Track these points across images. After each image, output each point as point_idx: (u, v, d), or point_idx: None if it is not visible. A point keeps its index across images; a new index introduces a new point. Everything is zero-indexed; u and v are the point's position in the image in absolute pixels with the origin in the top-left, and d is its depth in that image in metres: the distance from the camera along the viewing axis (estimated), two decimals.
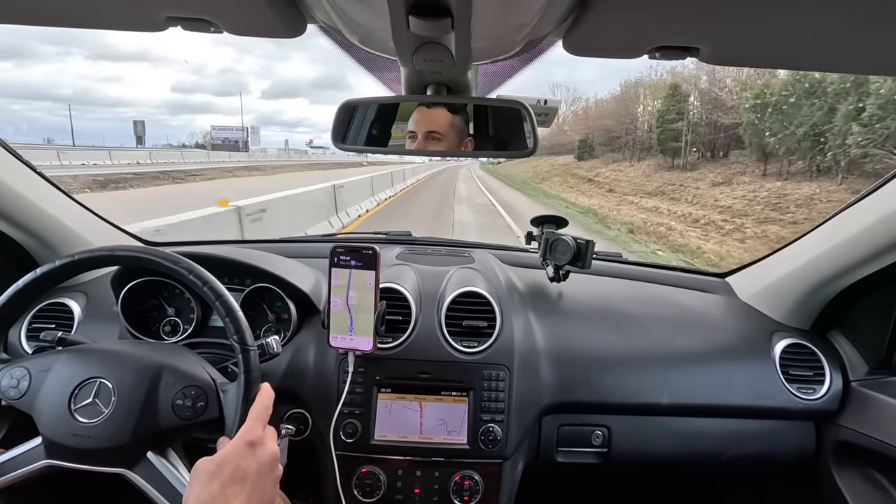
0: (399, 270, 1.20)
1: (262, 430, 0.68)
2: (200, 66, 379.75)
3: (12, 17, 0.61)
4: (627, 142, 31.41)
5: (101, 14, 0.61)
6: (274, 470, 0.68)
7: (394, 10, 0.49)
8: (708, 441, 1.12)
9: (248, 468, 0.63)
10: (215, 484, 0.61)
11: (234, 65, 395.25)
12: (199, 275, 0.75)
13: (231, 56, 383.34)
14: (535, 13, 0.54)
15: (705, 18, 0.52)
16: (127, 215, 2.98)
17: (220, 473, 0.62)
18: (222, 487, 0.61)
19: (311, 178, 19.92)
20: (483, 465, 1.01)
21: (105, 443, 0.69)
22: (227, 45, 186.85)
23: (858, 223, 0.98)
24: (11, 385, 0.72)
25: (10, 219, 1.04)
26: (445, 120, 0.91)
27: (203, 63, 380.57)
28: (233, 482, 0.62)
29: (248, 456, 0.64)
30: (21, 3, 0.57)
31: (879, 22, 0.50)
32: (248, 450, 0.65)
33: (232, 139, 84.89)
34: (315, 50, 34.07)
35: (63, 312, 1.12)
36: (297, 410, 1.03)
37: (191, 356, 0.80)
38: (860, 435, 1.06)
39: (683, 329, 1.19)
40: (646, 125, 29.47)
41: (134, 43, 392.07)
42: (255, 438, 0.67)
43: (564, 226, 1.30)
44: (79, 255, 0.76)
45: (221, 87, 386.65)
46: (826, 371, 1.13)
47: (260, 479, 0.64)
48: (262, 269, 1.06)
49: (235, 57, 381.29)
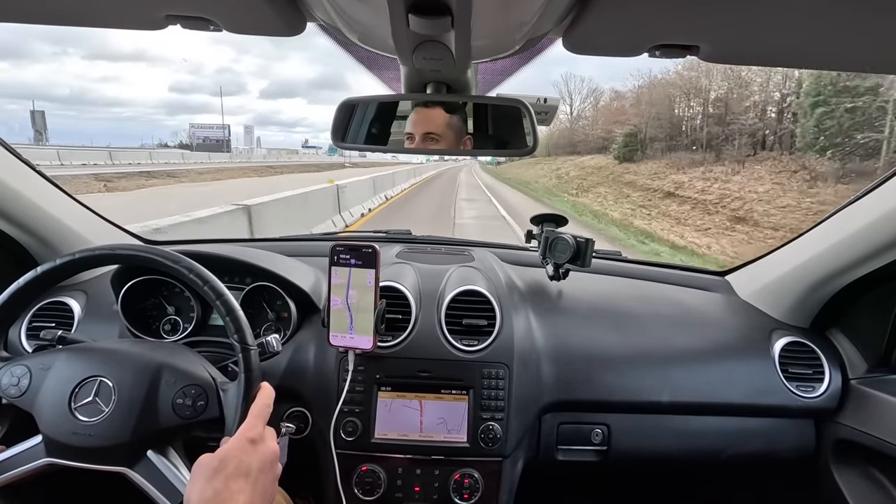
0: (399, 269, 1.20)
1: (262, 428, 0.69)
2: (198, 66, 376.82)
3: (12, 16, 0.61)
4: (717, 135, 20.34)
5: (100, 12, 0.61)
6: (274, 467, 0.68)
7: (393, 9, 0.49)
8: (707, 439, 1.12)
9: (250, 464, 0.63)
10: (219, 479, 0.61)
11: (232, 65, 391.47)
12: (200, 274, 0.75)
13: (229, 56, 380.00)
14: (534, 11, 0.54)
15: (705, 16, 0.52)
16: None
17: (224, 469, 0.62)
18: (226, 482, 0.61)
19: (254, 186, 17.10)
20: (483, 463, 1.01)
21: (105, 441, 0.69)
22: (225, 45, 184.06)
23: (858, 221, 0.98)
24: (12, 383, 0.72)
25: (10, 218, 1.04)
26: (442, 120, 0.91)
27: (201, 63, 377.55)
28: (236, 477, 0.62)
29: (250, 452, 0.65)
30: (21, 2, 0.57)
31: (880, 19, 0.50)
32: (250, 446, 0.65)
33: (213, 138, 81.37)
34: (313, 50, 33.79)
35: (63, 311, 1.12)
36: (298, 409, 1.03)
37: (191, 355, 0.80)
38: (860, 433, 1.06)
39: (683, 327, 1.19)
40: (766, 112, 19.49)
41: (132, 42, 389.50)
42: (257, 435, 0.67)
43: (564, 224, 1.30)
44: (79, 253, 0.76)
45: (220, 87, 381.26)
46: (825, 369, 1.13)
47: (262, 475, 0.65)
48: (262, 267, 1.06)
49: (234, 57, 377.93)
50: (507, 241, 1.70)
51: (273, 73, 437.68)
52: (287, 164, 54.45)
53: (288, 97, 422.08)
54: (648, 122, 26.05)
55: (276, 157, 74.75)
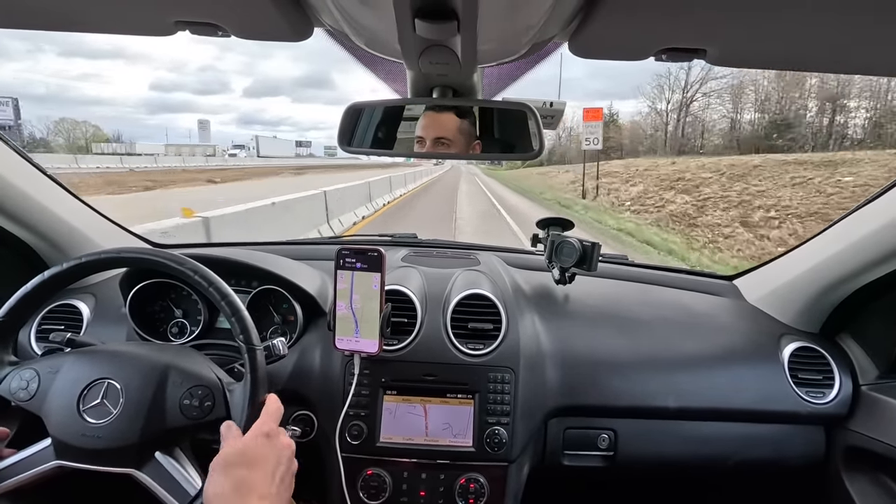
0: (404, 272, 1.20)
1: (275, 425, 0.70)
2: (180, 64, 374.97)
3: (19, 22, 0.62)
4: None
5: (109, 19, 0.61)
6: (291, 462, 0.69)
7: (400, 13, 0.49)
8: (715, 445, 1.11)
9: (267, 456, 0.64)
10: (237, 471, 0.61)
11: (215, 62, 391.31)
12: (205, 275, 0.75)
13: (212, 53, 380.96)
14: (541, 15, 0.54)
15: (712, 20, 0.52)
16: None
17: (241, 461, 0.62)
18: (245, 474, 0.61)
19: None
20: (488, 467, 1.00)
21: (113, 443, 0.69)
22: (208, 43, 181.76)
23: (868, 225, 0.97)
24: (21, 387, 0.73)
25: (19, 220, 1.05)
26: (454, 125, 0.91)
27: (183, 60, 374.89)
28: (254, 469, 0.62)
29: (267, 445, 0.65)
30: (29, 8, 0.58)
31: (886, 20, 0.50)
32: (266, 440, 0.66)
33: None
34: (299, 48, 32.62)
35: (72, 314, 1.13)
36: (303, 412, 1.04)
37: (197, 357, 0.81)
38: (871, 440, 1.05)
39: (690, 332, 1.18)
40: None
41: (108, 40, 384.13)
42: (271, 430, 0.68)
43: (570, 228, 1.30)
44: (85, 257, 0.76)
45: (202, 86, 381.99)
46: (835, 375, 1.12)
47: (280, 468, 0.65)
48: (268, 270, 1.06)
49: (217, 54, 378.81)
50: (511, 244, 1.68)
51: (257, 71, 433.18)
52: (152, 170, 36.17)
53: (272, 95, 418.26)
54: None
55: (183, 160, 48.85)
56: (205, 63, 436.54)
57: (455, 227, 10.61)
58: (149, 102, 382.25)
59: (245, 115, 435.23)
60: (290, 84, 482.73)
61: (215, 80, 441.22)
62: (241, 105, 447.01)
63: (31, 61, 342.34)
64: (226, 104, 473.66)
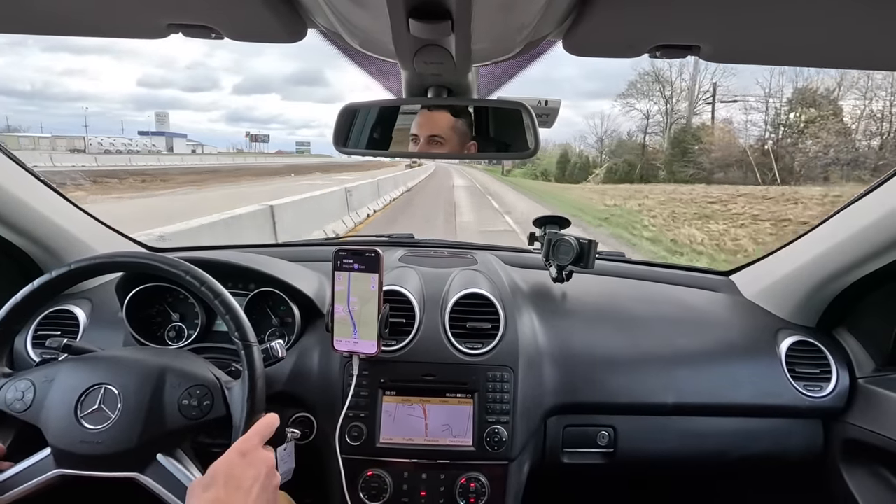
0: (402, 273, 1.20)
1: (257, 442, 0.69)
2: (169, 60, 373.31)
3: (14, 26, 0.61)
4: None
5: (102, 22, 0.61)
6: (271, 477, 0.68)
7: (394, 14, 0.49)
8: (714, 440, 1.12)
9: (241, 476, 0.64)
10: (210, 493, 0.61)
11: (205, 59, 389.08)
12: (197, 276, 0.75)
13: (202, 50, 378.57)
14: (535, 14, 0.54)
15: (705, 17, 0.52)
16: None
17: (214, 483, 0.62)
18: (218, 496, 0.61)
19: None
20: (489, 466, 1.00)
21: (114, 448, 0.69)
22: (198, 40, 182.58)
23: (864, 219, 0.97)
24: (17, 398, 0.72)
25: (14, 227, 1.05)
26: (447, 123, 0.91)
27: (173, 57, 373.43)
28: (228, 490, 0.62)
29: (240, 465, 0.65)
30: (25, 12, 0.58)
31: (880, 14, 0.50)
32: (239, 459, 0.65)
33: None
34: (291, 45, 33.37)
35: (69, 319, 1.12)
36: (302, 414, 1.03)
37: (194, 358, 0.80)
38: (868, 432, 1.05)
39: (688, 328, 1.19)
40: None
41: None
42: (248, 448, 0.67)
43: (567, 226, 1.30)
44: (75, 264, 0.76)
45: (192, 83, 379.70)
46: (833, 368, 1.12)
47: (257, 485, 0.65)
48: (266, 273, 1.06)
49: (207, 51, 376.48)
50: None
51: (247, 69, 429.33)
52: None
53: (262, 93, 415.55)
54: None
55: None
56: (195, 60, 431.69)
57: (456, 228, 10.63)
58: (137, 99, 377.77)
59: (234, 113, 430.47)
60: (281, 81, 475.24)
61: (205, 76, 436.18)
62: (230, 102, 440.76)
63: (16, 56, 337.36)
64: (215, 101, 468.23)
